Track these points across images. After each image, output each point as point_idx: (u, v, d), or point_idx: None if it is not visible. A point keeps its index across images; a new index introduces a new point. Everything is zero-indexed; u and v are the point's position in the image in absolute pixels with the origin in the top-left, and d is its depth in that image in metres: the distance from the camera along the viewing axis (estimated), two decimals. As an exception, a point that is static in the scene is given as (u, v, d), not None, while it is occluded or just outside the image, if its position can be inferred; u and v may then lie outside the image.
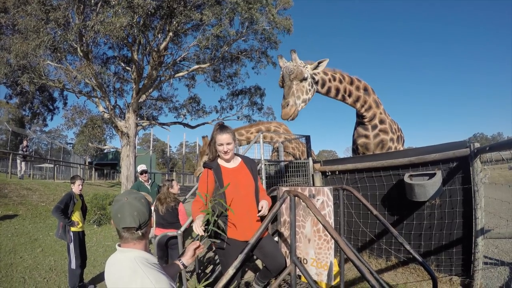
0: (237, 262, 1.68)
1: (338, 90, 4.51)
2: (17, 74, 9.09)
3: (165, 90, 13.93)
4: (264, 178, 4.70)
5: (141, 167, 5.09)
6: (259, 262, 4.34)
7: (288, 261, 2.21)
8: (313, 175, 5.12)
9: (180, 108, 13.93)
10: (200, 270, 4.43)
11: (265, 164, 4.80)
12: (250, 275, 4.20)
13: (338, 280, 2.96)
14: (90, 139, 10.88)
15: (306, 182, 5.13)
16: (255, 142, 5.10)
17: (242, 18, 9.40)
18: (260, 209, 2.11)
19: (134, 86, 10.54)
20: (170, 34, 9.60)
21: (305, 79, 4.12)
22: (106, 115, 10.43)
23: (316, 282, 2.62)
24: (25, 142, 13.24)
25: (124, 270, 1.12)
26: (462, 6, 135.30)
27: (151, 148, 29.21)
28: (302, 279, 2.91)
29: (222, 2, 9.24)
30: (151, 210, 1.28)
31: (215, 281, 1.86)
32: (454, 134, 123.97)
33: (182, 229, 3.57)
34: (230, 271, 1.64)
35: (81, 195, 4.19)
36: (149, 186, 4.97)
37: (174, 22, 9.00)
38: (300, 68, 4.09)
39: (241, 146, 6.91)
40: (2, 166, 15.24)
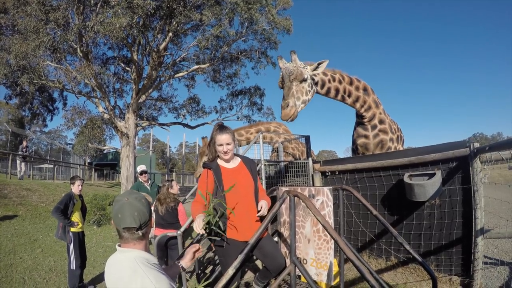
0: (236, 263, 1.68)
1: (337, 91, 4.51)
2: (16, 75, 9.09)
3: (164, 90, 13.97)
4: (263, 178, 4.70)
5: (140, 168, 5.09)
6: (259, 263, 4.34)
7: (287, 261, 2.21)
8: (312, 175, 5.12)
9: (179, 108, 13.95)
10: (200, 271, 4.43)
11: (264, 164, 4.80)
12: (250, 276, 4.20)
13: (338, 280, 2.96)
14: (90, 140, 10.90)
15: (305, 182, 5.13)
16: (255, 143, 5.10)
17: (241, 18, 9.42)
18: (259, 209, 2.10)
19: (134, 87, 10.54)
20: (170, 34, 9.60)
21: (304, 80, 4.13)
22: (105, 116, 10.43)
23: (316, 282, 2.62)
24: (24, 143, 13.24)
25: (124, 270, 1.12)
26: (462, 6, 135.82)
27: (151, 148, 29.25)
28: (302, 279, 2.91)
29: (222, 2, 9.25)
30: (152, 210, 1.29)
31: (215, 281, 1.86)
32: (454, 134, 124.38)
33: (182, 229, 3.57)
34: (230, 272, 1.64)
35: (80, 196, 4.19)
36: (148, 187, 4.97)
37: (174, 23, 9.00)
38: (300, 69, 4.10)
39: (240, 146, 6.91)
40: (2, 166, 15.21)
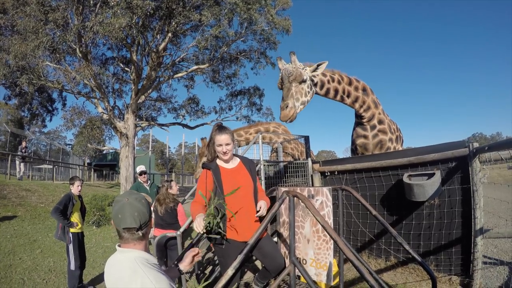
0: (236, 263, 1.68)
1: (336, 91, 4.51)
2: (16, 75, 9.07)
3: (164, 90, 13.97)
4: (263, 178, 4.70)
5: (140, 168, 5.08)
6: (258, 263, 4.34)
7: (287, 261, 2.22)
8: (312, 176, 5.12)
9: (179, 108, 13.94)
10: (199, 271, 4.43)
11: (264, 164, 4.80)
12: (249, 276, 4.19)
13: (337, 280, 2.96)
14: (89, 140, 10.90)
15: (305, 183, 5.14)
16: (254, 143, 5.10)
17: (241, 19, 9.42)
18: (258, 209, 2.10)
19: (133, 87, 10.53)
20: (169, 34, 9.60)
21: (304, 81, 4.13)
22: (105, 116, 10.43)
23: (315, 282, 2.62)
24: (24, 143, 13.23)
25: (124, 270, 1.12)
26: (462, 6, 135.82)
27: (150, 149, 29.25)
28: (302, 280, 2.91)
29: (221, 3, 9.25)
30: (151, 210, 1.29)
31: (215, 282, 1.86)
32: (453, 133, 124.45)
33: (181, 229, 3.56)
34: (229, 272, 1.64)
35: (80, 196, 4.19)
36: (148, 187, 4.97)
37: (173, 23, 9.00)
38: (299, 70, 4.10)
39: (240, 147, 6.91)
40: (1, 167, 15.18)
